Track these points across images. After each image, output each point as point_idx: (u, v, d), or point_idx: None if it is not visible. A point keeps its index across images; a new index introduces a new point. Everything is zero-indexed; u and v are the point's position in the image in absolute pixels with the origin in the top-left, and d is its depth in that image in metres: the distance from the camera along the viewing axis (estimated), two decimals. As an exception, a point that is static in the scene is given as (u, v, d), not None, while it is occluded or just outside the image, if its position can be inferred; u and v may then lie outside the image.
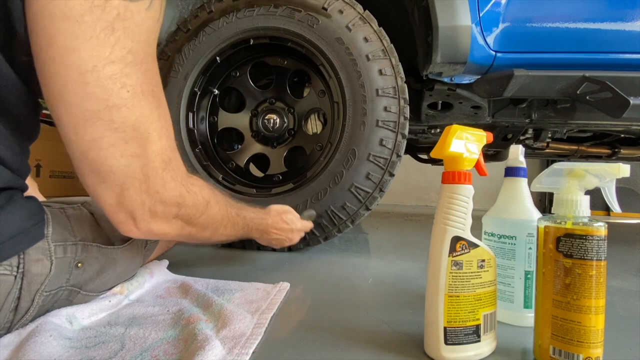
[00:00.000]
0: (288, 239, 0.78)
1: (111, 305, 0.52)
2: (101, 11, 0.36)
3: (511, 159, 0.55)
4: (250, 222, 0.67)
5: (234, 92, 1.17)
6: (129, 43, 0.38)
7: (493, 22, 0.98)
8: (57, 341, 0.40)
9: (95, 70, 0.36)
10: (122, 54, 0.38)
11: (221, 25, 0.99)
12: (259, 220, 0.71)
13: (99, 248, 0.49)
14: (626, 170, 0.39)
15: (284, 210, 0.78)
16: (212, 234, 0.55)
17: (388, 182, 0.92)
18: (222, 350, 0.40)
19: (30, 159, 0.46)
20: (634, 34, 0.98)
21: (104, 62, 0.37)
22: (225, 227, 0.58)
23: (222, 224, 0.56)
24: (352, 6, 0.95)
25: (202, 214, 0.50)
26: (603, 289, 0.38)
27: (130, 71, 0.38)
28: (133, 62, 0.39)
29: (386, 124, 0.90)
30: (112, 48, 0.37)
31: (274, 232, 0.75)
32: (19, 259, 0.40)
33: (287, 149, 1.07)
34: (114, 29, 0.37)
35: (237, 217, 0.61)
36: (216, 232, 0.56)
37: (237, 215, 0.61)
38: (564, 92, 1.02)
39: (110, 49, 0.37)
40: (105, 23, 0.36)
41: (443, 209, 0.42)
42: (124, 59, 0.38)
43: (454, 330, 0.40)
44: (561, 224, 0.40)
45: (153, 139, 0.41)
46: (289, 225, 0.77)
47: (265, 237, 0.75)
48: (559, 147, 1.54)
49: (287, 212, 0.79)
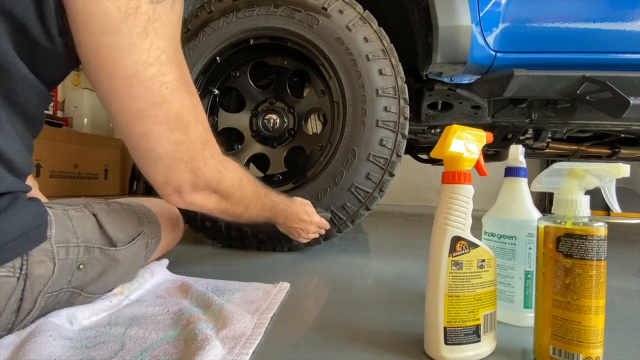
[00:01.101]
0: (305, 231, 0.83)
1: (111, 306, 0.52)
2: (134, 18, 0.40)
3: (511, 159, 0.55)
4: (277, 205, 0.73)
5: (234, 92, 1.17)
6: (161, 43, 0.42)
7: (493, 22, 0.98)
8: (57, 341, 0.40)
9: (137, 75, 0.41)
10: (157, 54, 0.42)
11: (221, 25, 0.99)
12: (284, 206, 0.76)
13: (100, 250, 0.49)
14: (626, 170, 0.39)
15: (307, 203, 0.84)
16: (244, 211, 0.62)
17: (388, 182, 0.92)
18: (222, 350, 0.40)
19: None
20: (633, 34, 0.98)
21: (143, 65, 0.41)
22: (255, 205, 0.64)
23: (252, 202, 0.63)
24: (352, 6, 0.95)
25: (237, 190, 0.57)
26: (603, 289, 0.38)
27: (165, 70, 0.43)
28: (166, 60, 0.43)
29: (386, 124, 0.90)
30: (148, 52, 0.41)
31: (296, 221, 0.80)
32: (21, 260, 0.40)
33: (287, 149, 1.07)
34: (147, 33, 0.41)
35: (265, 198, 0.67)
36: (247, 209, 0.62)
37: (265, 197, 0.67)
38: (564, 92, 1.02)
39: (147, 52, 0.41)
40: (139, 29, 0.40)
41: (443, 209, 0.42)
42: (159, 59, 0.42)
43: (454, 330, 0.40)
44: (561, 224, 0.40)
45: (192, 125, 0.47)
46: (310, 217, 0.82)
47: (287, 224, 0.80)
48: (559, 147, 1.54)
49: (309, 205, 0.84)
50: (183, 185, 0.49)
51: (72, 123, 2.86)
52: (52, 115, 2.74)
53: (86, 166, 2.43)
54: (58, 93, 2.93)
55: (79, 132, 2.72)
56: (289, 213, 0.78)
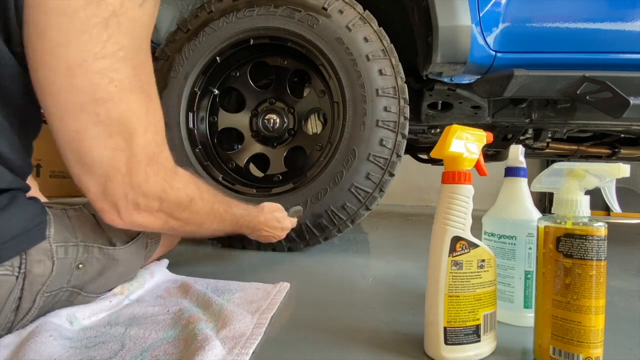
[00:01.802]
0: (276, 237, 0.81)
1: (111, 306, 0.52)
2: (96, 7, 0.37)
3: (511, 159, 0.55)
4: (240, 219, 0.68)
5: (234, 92, 1.17)
6: (122, 39, 0.39)
7: (493, 22, 0.98)
8: (57, 341, 0.40)
9: (84, 65, 0.37)
10: (114, 49, 0.38)
11: (221, 25, 0.99)
12: (249, 218, 0.72)
13: (100, 249, 0.49)
14: (626, 170, 0.39)
15: (276, 208, 0.80)
16: (197, 229, 0.56)
17: (388, 182, 0.92)
18: (222, 350, 0.40)
19: (30, 159, 0.46)
20: (633, 34, 0.98)
21: (94, 57, 0.37)
22: (211, 222, 0.58)
23: (207, 220, 0.57)
24: (352, 6, 0.95)
25: (185, 209, 0.50)
26: (603, 289, 0.38)
27: (120, 66, 0.39)
28: (124, 58, 0.39)
29: (386, 124, 0.90)
30: (104, 44, 0.38)
31: (265, 230, 0.77)
32: (20, 259, 0.40)
33: (287, 149, 1.07)
34: (107, 25, 0.37)
35: (225, 214, 0.62)
36: (201, 227, 0.57)
37: (225, 212, 0.62)
38: (564, 92, 1.02)
39: (102, 44, 0.37)
40: (99, 19, 0.37)
41: (443, 209, 0.42)
42: (115, 55, 0.38)
43: (454, 330, 0.40)
44: (561, 224, 0.40)
45: (138, 133, 0.41)
46: (280, 223, 0.80)
47: (255, 234, 0.77)
48: (559, 147, 1.54)
49: (279, 210, 0.81)
50: (120, 200, 0.42)
51: (72, 123, 2.86)
52: (52, 115, 2.74)
53: (86, 166, 2.43)
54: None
55: (79, 132, 2.72)
56: (255, 224, 0.74)
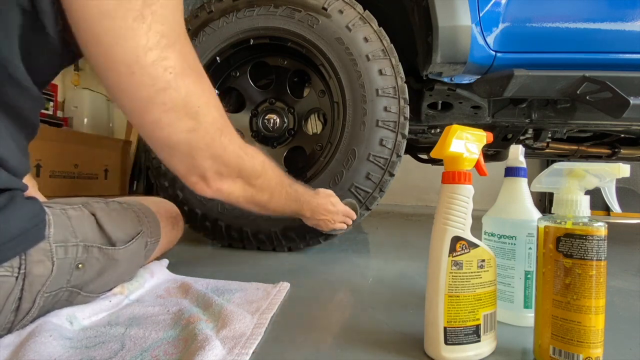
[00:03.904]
0: (333, 221, 0.81)
1: (111, 306, 0.52)
2: (128, 2, 0.38)
3: (511, 159, 0.55)
4: (302, 197, 0.71)
5: (234, 92, 1.17)
6: (160, 27, 0.40)
7: (493, 22, 0.98)
8: (57, 341, 0.40)
9: (138, 61, 0.39)
10: (157, 39, 0.40)
11: (221, 25, 0.99)
12: (309, 197, 0.75)
13: (99, 249, 0.49)
14: (626, 170, 0.39)
15: (330, 193, 0.83)
16: (270, 198, 0.61)
17: (388, 182, 0.92)
18: (222, 350, 0.39)
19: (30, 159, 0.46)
20: (633, 34, 0.98)
21: (144, 50, 0.39)
22: (280, 193, 0.63)
23: (277, 190, 0.62)
24: (352, 6, 0.95)
25: (260, 175, 0.56)
26: (603, 289, 0.38)
27: (167, 54, 0.41)
28: (167, 44, 0.41)
29: (386, 124, 0.90)
30: (147, 36, 0.39)
31: (323, 213, 0.78)
32: (20, 260, 0.40)
33: (287, 149, 1.07)
34: (143, 16, 0.39)
35: (290, 188, 0.66)
36: (273, 196, 0.61)
37: (290, 186, 0.66)
38: (564, 92, 1.02)
39: (146, 36, 0.39)
40: (135, 13, 0.38)
41: (443, 209, 0.42)
42: (159, 44, 0.40)
43: (454, 330, 0.40)
44: (561, 224, 0.40)
45: (203, 111, 0.45)
46: (335, 207, 0.81)
47: (314, 217, 0.78)
48: (559, 147, 1.54)
49: (333, 195, 0.83)
50: (206, 172, 0.48)
51: (72, 123, 2.85)
52: (52, 115, 2.73)
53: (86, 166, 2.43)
54: (58, 93, 2.93)
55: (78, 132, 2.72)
56: (315, 205, 0.76)
